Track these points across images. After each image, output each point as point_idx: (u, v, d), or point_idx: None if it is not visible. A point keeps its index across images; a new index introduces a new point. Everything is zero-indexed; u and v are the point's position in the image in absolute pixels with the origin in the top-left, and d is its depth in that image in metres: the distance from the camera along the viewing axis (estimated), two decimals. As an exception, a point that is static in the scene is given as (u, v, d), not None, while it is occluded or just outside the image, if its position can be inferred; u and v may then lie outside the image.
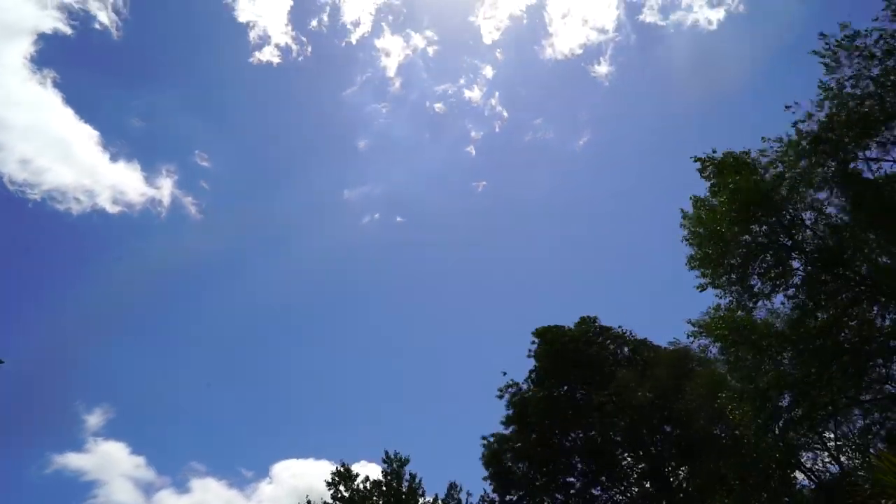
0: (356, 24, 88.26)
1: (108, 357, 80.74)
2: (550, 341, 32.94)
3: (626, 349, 33.69)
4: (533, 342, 34.01)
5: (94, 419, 71.86)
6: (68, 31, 69.00)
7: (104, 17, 72.31)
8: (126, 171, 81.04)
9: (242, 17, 78.85)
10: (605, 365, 32.05)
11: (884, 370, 19.06)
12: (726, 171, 20.00)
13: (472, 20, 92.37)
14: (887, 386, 19.37)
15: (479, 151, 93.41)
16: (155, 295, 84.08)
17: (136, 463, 73.03)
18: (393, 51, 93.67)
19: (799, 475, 23.43)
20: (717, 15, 76.83)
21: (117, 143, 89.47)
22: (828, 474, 23.08)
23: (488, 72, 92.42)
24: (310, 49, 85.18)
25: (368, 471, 24.42)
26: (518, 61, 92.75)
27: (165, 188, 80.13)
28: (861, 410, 20.42)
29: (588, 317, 34.50)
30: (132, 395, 78.68)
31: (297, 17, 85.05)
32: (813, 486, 22.80)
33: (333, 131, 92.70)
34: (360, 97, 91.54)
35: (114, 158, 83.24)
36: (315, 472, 64.33)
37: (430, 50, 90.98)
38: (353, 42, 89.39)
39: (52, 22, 66.36)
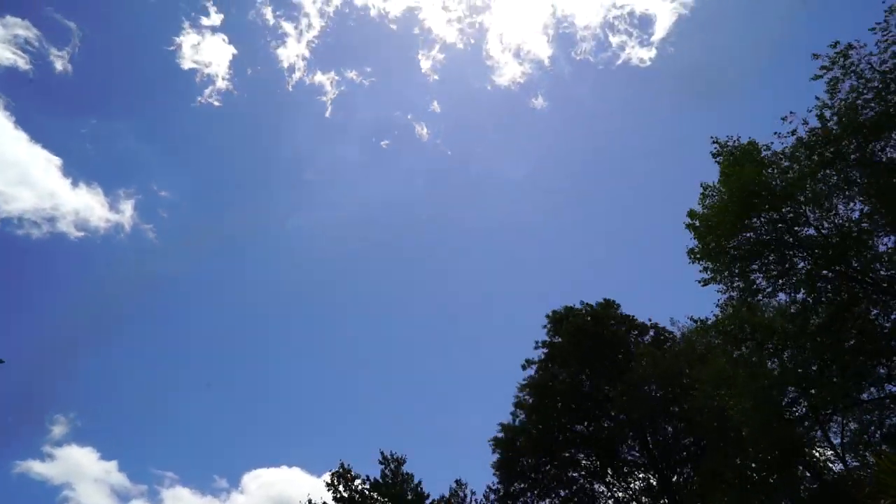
0: (292, 69, 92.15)
1: (77, 368, 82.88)
2: (569, 325, 32.11)
3: (645, 338, 32.92)
4: (544, 326, 33.67)
5: (63, 428, 73.23)
6: (26, 67, 69.81)
7: (60, 65, 76.01)
8: (87, 196, 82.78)
9: (185, 65, 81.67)
10: (622, 354, 31.40)
11: (885, 370, 18.87)
12: (735, 160, 19.96)
13: (412, 55, 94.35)
14: (889, 385, 19.20)
15: (425, 182, 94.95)
16: (123, 311, 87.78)
17: (107, 469, 73.82)
18: (330, 89, 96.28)
19: (800, 474, 23.21)
20: (649, 54, 79.52)
21: (75, 168, 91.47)
22: (832, 473, 22.89)
23: (431, 104, 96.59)
24: (248, 94, 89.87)
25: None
26: (460, 94, 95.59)
27: (125, 214, 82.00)
28: (862, 409, 20.26)
29: (609, 300, 33.55)
30: (102, 404, 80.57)
31: (238, 65, 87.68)
32: (816, 485, 22.60)
33: (280, 166, 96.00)
34: (302, 134, 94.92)
35: (74, 184, 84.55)
36: (288, 479, 64.84)
37: (369, 84, 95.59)
38: (290, 88, 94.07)
39: (10, 55, 66.23)
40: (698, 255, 20.70)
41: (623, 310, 33.65)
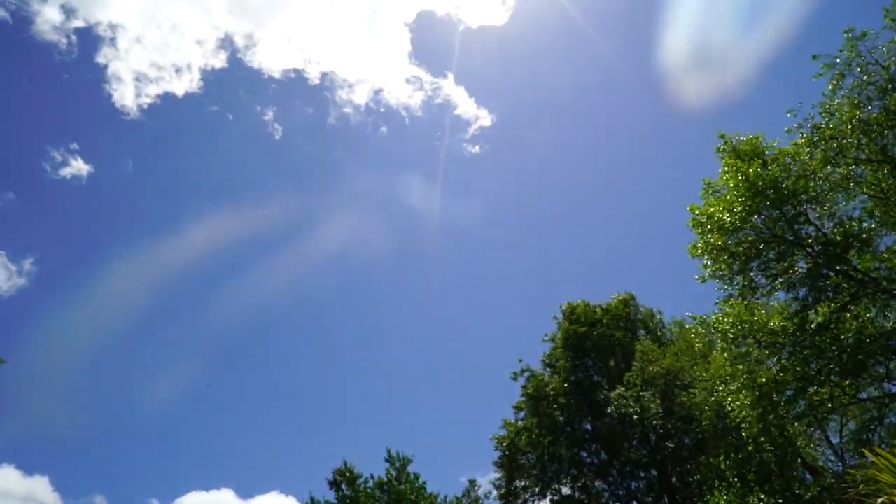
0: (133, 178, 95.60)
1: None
2: (576, 319, 32.26)
3: (650, 335, 33.06)
4: (554, 317, 33.84)
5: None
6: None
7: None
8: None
9: (61, 174, 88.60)
10: (627, 351, 31.49)
11: (883, 368, 18.92)
12: (738, 156, 19.98)
13: (244, 141, 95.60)
14: (887, 384, 19.25)
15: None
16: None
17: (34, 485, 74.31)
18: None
19: (799, 473, 23.31)
20: (475, 149, 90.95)
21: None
22: (831, 472, 22.99)
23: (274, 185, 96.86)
24: (103, 197, 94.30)
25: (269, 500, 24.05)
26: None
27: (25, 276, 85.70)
28: (860, 408, 20.33)
29: (629, 294, 33.77)
30: (28, 427, 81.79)
31: (93, 179, 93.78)
32: (815, 484, 22.70)
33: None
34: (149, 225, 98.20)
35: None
36: (218, 502, 64.90)
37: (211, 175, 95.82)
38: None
39: None
40: (701, 252, 20.72)
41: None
